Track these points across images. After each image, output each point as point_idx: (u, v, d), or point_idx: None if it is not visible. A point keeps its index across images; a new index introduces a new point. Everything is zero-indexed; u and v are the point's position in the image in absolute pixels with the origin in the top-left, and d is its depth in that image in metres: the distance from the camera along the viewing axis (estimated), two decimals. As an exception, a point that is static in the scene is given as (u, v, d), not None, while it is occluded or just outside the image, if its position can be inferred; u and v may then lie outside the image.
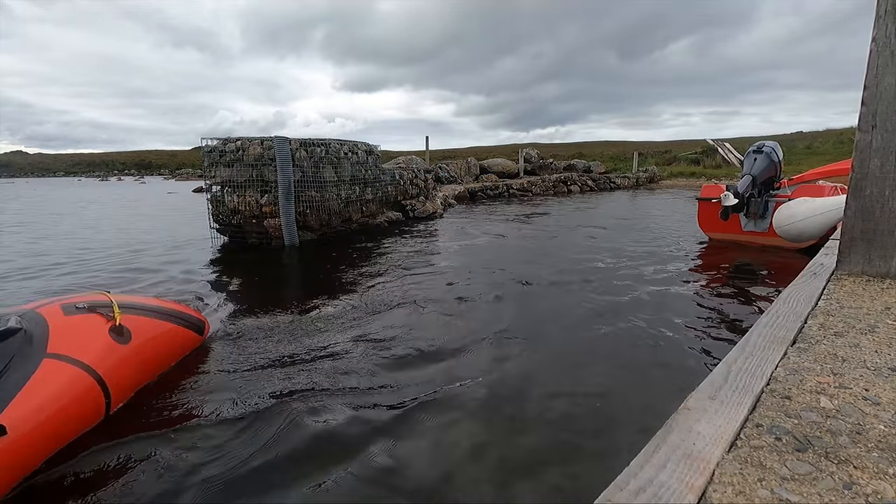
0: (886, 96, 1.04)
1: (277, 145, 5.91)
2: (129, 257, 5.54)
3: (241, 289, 4.26)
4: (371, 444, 1.79)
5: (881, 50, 1.04)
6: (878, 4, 1.03)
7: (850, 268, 1.14)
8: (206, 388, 2.28)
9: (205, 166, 6.45)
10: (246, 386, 2.28)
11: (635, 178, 20.75)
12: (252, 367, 2.49)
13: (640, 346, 2.72)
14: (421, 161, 11.41)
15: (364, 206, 7.38)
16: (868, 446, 0.37)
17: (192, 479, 1.62)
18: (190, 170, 48.23)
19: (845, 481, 0.33)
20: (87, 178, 49.51)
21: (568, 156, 28.02)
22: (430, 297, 3.74)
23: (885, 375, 0.53)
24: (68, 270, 4.86)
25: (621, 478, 0.33)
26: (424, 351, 2.67)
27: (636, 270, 4.56)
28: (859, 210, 1.12)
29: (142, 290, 3.98)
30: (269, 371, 2.45)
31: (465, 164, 16.57)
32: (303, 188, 6.19)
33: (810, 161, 16.80)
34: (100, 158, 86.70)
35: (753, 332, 0.69)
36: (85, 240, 7.00)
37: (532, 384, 2.26)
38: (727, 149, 18.40)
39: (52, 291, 3.92)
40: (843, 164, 7.14)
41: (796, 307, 0.83)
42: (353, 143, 7.26)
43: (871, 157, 1.08)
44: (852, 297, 0.91)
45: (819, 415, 0.43)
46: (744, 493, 0.31)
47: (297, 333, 2.97)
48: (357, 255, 5.50)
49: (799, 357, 0.59)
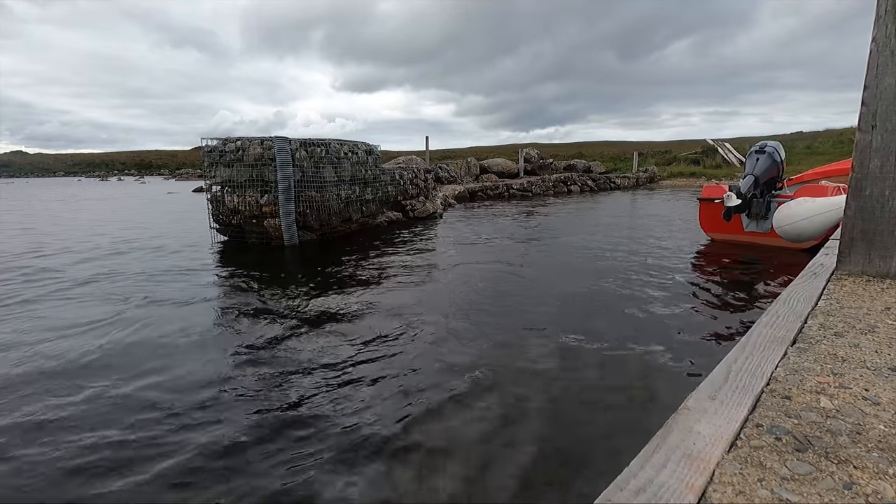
0: (886, 96, 1.04)
1: (277, 145, 5.92)
2: (128, 257, 5.54)
3: (241, 289, 4.26)
4: (370, 443, 1.78)
5: (881, 50, 1.04)
6: (878, 4, 1.03)
7: (850, 268, 1.14)
8: (206, 387, 2.27)
9: (205, 166, 6.45)
10: (246, 386, 2.28)
11: (635, 178, 20.75)
12: (252, 367, 2.49)
13: (640, 345, 2.72)
14: (421, 161, 11.41)
15: (364, 206, 7.38)
16: (868, 446, 0.37)
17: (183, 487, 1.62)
18: (190, 170, 48.22)
19: (845, 481, 0.33)
20: (87, 178, 49.52)
21: (568, 156, 28.04)
22: (430, 297, 3.74)
23: (885, 375, 0.53)
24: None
25: (621, 478, 0.33)
26: (424, 351, 2.67)
27: (636, 270, 4.56)
28: (859, 210, 1.12)
29: (141, 291, 3.99)
30: (269, 371, 2.45)
31: (465, 164, 16.57)
32: (303, 188, 6.19)
33: (810, 161, 16.80)
34: (100, 158, 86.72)
35: (753, 332, 0.69)
36: (80, 240, 7.01)
37: (532, 382, 2.26)
38: (727, 149, 18.40)
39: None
40: (843, 164, 7.14)
41: (796, 307, 0.83)
42: (353, 143, 7.26)
43: (871, 157, 1.08)
44: (852, 297, 0.91)
45: (819, 415, 0.43)
46: (744, 493, 0.31)
47: (296, 333, 2.97)
48: (357, 256, 5.51)
49: (799, 357, 0.59)
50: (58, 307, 3.54)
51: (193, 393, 2.22)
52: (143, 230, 7.91)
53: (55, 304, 3.61)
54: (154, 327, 3.09)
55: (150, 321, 3.20)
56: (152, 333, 2.98)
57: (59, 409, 2.06)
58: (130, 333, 2.97)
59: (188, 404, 2.11)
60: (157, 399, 2.16)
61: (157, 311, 3.42)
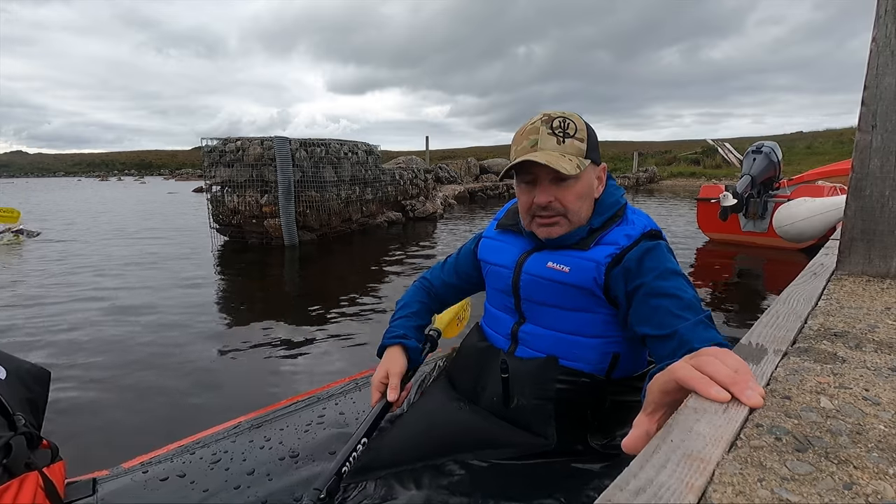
0: (886, 96, 1.04)
1: (277, 145, 5.91)
2: (126, 258, 5.54)
3: (241, 289, 4.27)
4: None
5: (881, 50, 1.04)
6: (879, 4, 1.03)
7: (850, 268, 1.14)
8: (206, 386, 2.28)
9: (205, 166, 6.45)
10: (245, 385, 2.28)
11: (635, 177, 20.76)
12: (251, 367, 2.49)
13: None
14: (421, 161, 11.41)
15: (364, 206, 7.38)
16: (868, 446, 0.37)
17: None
18: (190, 170, 48.26)
19: (845, 481, 0.33)
20: (87, 179, 49.51)
21: (568, 156, 28.00)
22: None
23: (885, 375, 0.53)
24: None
25: (621, 478, 0.33)
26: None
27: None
28: (859, 210, 1.12)
29: (139, 291, 3.98)
30: (268, 371, 2.45)
31: (465, 164, 16.57)
32: (303, 188, 6.19)
33: (810, 161, 16.81)
34: (100, 158, 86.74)
35: (753, 332, 0.69)
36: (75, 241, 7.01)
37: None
38: (727, 149, 18.40)
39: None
40: (843, 164, 7.14)
41: (796, 307, 0.83)
42: (353, 143, 7.26)
43: (871, 157, 1.08)
44: (852, 297, 0.91)
45: (819, 415, 0.43)
46: (744, 493, 0.31)
47: (296, 333, 2.97)
48: (357, 256, 5.51)
49: (799, 357, 0.59)
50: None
51: (190, 392, 2.22)
52: (145, 230, 7.91)
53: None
54: (148, 328, 3.09)
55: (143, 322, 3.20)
56: (143, 337, 2.98)
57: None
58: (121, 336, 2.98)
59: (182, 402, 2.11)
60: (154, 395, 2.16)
61: (157, 311, 3.42)
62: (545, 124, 0.86)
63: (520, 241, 0.98)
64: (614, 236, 0.87)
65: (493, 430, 0.90)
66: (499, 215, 1.09)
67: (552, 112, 0.88)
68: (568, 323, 0.89)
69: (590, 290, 0.85)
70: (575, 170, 0.82)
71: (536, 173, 0.86)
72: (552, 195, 0.86)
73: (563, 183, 0.85)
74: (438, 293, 1.17)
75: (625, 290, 0.83)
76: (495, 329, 1.00)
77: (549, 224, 0.88)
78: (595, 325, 0.88)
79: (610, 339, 0.88)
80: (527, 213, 0.91)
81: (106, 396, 2.18)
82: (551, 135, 0.85)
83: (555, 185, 0.85)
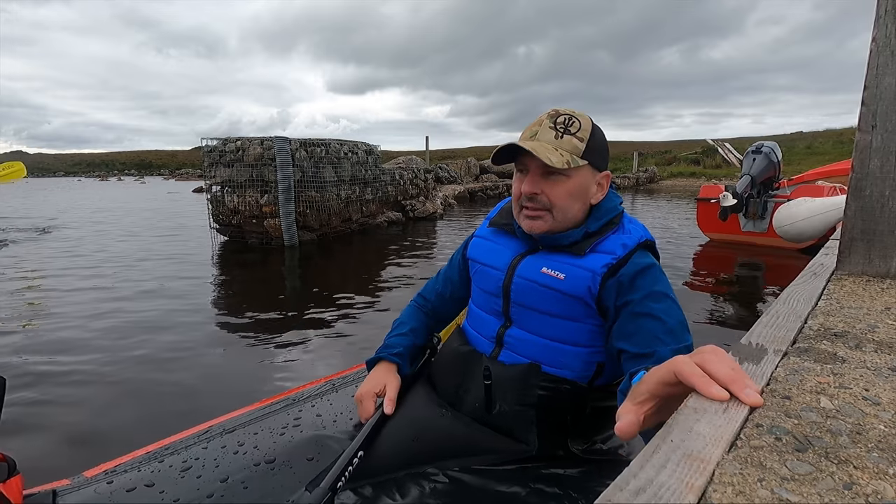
0: (886, 96, 1.04)
1: (277, 145, 5.91)
2: (124, 258, 5.54)
3: (241, 289, 4.27)
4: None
5: (881, 50, 1.04)
6: (879, 4, 1.03)
7: (850, 268, 1.14)
8: (205, 386, 2.27)
9: (205, 166, 6.45)
10: (245, 385, 2.28)
11: (635, 177, 20.76)
12: (251, 367, 2.49)
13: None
14: (421, 161, 11.41)
15: (364, 206, 7.38)
16: (868, 446, 0.37)
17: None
18: (190, 170, 48.25)
19: (845, 481, 0.33)
20: (87, 179, 49.52)
21: (568, 156, 27.99)
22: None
23: (885, 375, 0.53)
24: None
25: (621, 478, 0.33)
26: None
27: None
28: (859, 210, 1.12)
29: (138, 292, 3.98)
30: (268, 371, 2.45)
31: (465, 164, 16.58)
32: (303, 188, 6.19)
33: (810, 161, 16.81)
34: (100, 158, 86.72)
35: (753, 332, 0.69)
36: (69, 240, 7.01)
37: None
38: (727, 149, 18.40)
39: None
40: (843, 164, 7.14)
41: (796, 307, 0.83)
42: (353, 143, 7.26)
43: (871, 157, 1.08)
44: (852, 297, 0.91)
45: (819, 415, 0.43)
46: (744, 493, 0.31)
47: (296, 333, 2.97)
48: (357, 256, 5.51)
49: (799, 357, 0.59)
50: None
51: (190, 391, 2.22)
52: (144, 229, 7.91)
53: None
54: (150, 329, 3.09)
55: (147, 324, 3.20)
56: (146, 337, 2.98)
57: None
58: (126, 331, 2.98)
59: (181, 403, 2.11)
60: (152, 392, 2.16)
61: (155, 310, 3.42)
62: (550, 119, 0.86)
63: (513, 242, 0.97)
64: (611, 245, 0.86)
65: (475, 437, 0.90)
66: (492, 213, 1.07)
67: (561, 109, 0.88)
68: (556, 330, 0.88)
69: (583, 299, 0.85)
70: (562, 164, 0.81)
71: (528, 163, 0.86)
72: (539, 187, 0.85)
73: (552, 177, 0.84)
74: (436, 307, 1.15)
75: (614, 304, 0.83)
76: (479, 331, 0.99)
77: (533, 217, 0.87)
78: (582, 333, 0.87)
79: (596, 350, 0.88)
80: (517, 202, 0.91)
81: (99, 395, 2.18)
82: (552, 128, 0.85)
83: (544, 178, 0.85)
